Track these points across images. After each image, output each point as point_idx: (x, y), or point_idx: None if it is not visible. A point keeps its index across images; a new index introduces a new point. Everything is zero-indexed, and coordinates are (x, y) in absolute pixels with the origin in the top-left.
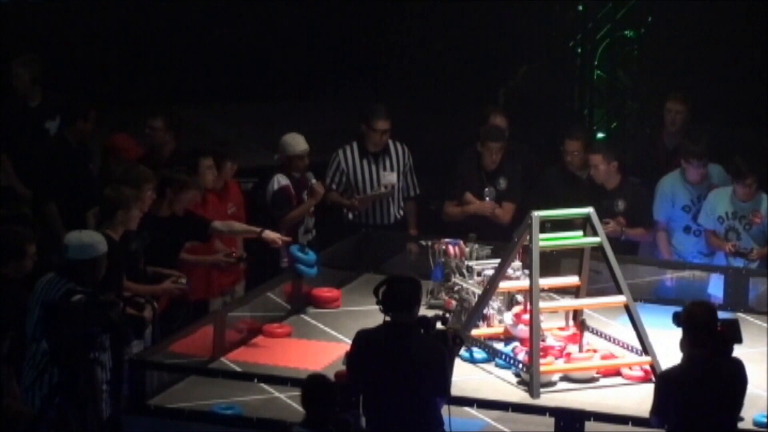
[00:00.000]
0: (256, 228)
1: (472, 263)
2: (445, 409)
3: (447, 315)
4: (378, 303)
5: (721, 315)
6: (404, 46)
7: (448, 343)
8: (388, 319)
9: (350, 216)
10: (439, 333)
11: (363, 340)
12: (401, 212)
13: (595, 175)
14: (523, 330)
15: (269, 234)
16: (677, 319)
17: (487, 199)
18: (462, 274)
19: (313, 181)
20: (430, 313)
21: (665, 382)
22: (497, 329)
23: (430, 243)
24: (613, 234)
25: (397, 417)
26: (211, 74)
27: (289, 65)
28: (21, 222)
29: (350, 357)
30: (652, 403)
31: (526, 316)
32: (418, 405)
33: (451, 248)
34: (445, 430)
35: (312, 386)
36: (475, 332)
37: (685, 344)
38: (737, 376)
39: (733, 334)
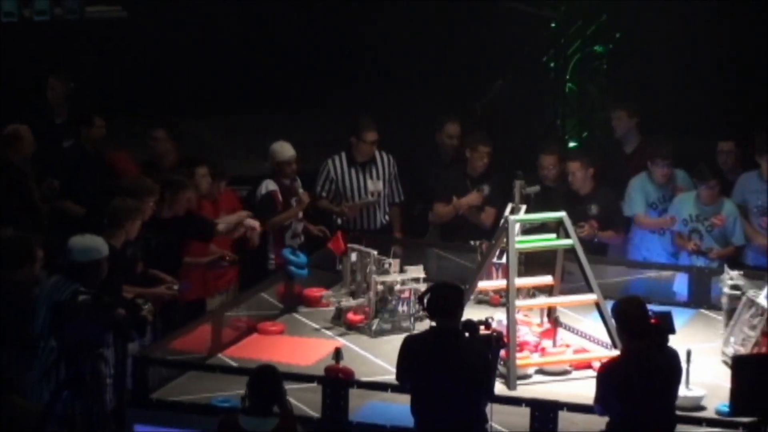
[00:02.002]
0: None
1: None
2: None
3: (491, 319)
4: (423, 310)
5: (654, 308)
6: (388, 64)
7: (492, 346)
8: (433, 324)
9: (339, 221)
10: (483, 337)
11: (412, 344)
12: (387, 217)
13: (572, 181)
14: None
15: (250, 221)
16: (612, 313)
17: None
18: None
19: (301, 190)
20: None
21: (606, 374)
22: None
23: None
24: (587, 237)
25: (446, 414)
26: (209, 88)
27: (281, 80)
28: (30, 228)
29: (400, 359)
30: (594, 393)
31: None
32: (465, 403)
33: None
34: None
35: (261, 375)
36: None
37: (621, 337)
38: (672, 365)
39: (667, 326)
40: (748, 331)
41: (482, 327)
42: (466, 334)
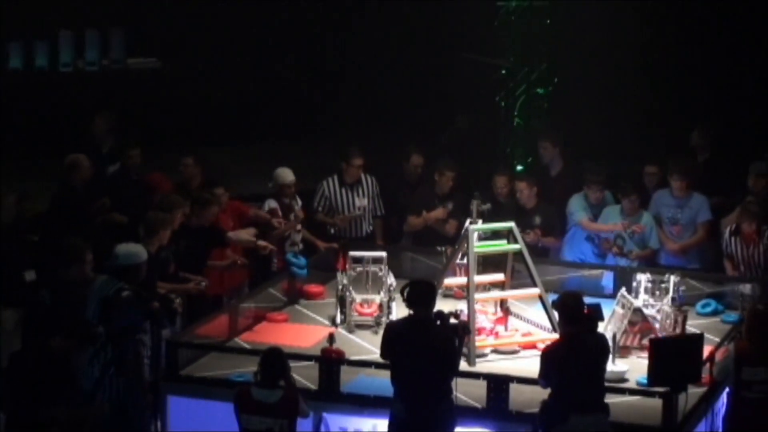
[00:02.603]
0: (254, 239)
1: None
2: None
3: (459, 311)
4: (403, 300)
5: (588, 300)
6: (370, 103)
7: (458, 333)
8: (411, 313)
9: (332, 231)
10: (451, 325)
11: (393, 328)
12: (371, 227)
13: (520, 197)
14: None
15: (262, 242)
16: (555, 305)
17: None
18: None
19: (297, 207)
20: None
21: (548, 354)
22: None
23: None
24: (532, 242)
25: (419, 387)
26: (226, 123)
27: (283, 116)
28: (82, 237)
29: (383, 341)
30: (539, 370)
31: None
32: (435, 378)
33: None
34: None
35: (270, 355)
36: None
37: (560, 324)
38: (601, 346)
39: (597, 315)
40: (620, 318)
41: (452, 317)
42: (438, 323)
